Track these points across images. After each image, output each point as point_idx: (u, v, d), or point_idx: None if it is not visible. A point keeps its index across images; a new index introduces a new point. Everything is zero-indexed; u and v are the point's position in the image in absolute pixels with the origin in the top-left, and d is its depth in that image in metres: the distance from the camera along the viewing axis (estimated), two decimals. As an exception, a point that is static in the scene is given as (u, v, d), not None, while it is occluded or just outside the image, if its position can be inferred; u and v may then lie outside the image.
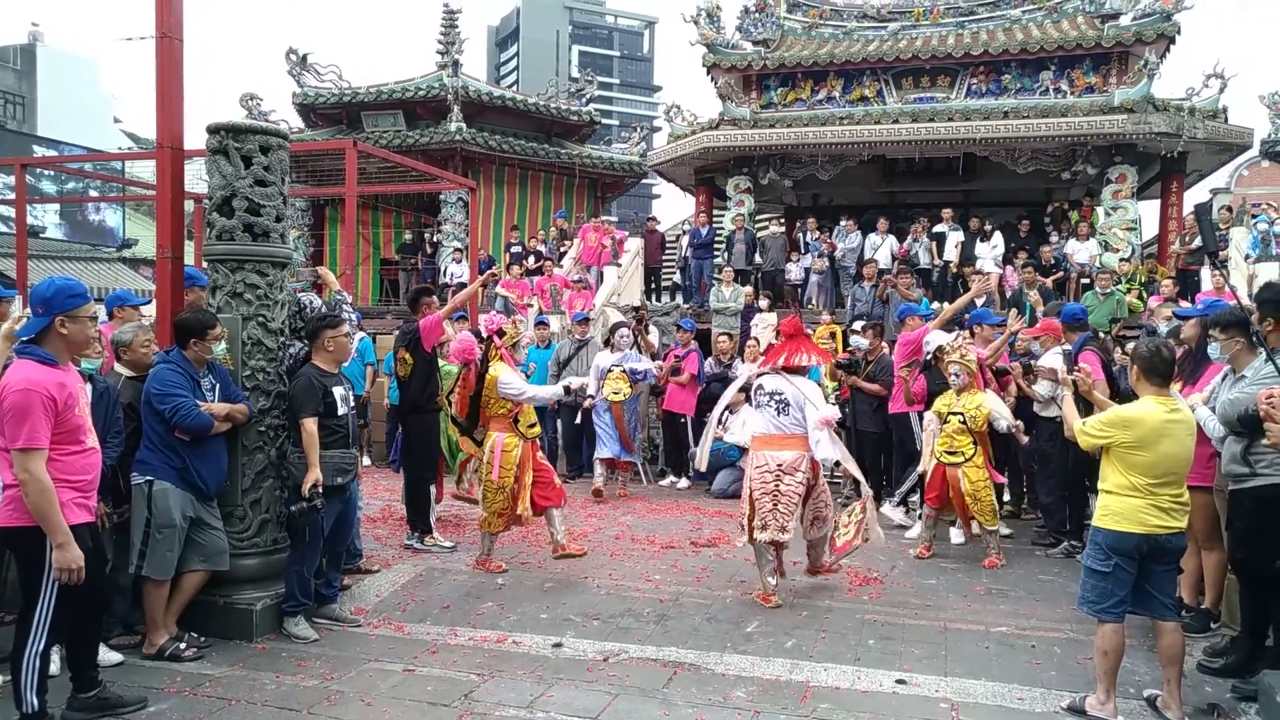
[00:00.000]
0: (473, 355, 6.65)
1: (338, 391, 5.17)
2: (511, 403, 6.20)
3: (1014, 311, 8.32)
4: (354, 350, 6.30)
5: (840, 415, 8.11)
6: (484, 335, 6.42)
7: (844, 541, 6.00)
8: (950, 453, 6.73)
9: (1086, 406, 4.65)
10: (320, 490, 4.89)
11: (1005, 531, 7.46)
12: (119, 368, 4.93)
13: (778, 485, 5.64)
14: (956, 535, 7.39)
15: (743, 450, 9.68)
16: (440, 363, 7.48)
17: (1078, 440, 4.27)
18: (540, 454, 6.52)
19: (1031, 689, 4.41)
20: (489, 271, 8.43)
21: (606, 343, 10.23)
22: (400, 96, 18.74)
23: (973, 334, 7.99)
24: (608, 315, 13.11)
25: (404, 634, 5.14)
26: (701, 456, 6.98)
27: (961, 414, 6.75)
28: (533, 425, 6.41)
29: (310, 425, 4.97)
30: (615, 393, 9.43)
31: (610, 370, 9.53)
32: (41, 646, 3.70)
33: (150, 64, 5.27)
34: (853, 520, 6.03)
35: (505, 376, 6.16)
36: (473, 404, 6.37)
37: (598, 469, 9.50)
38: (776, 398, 5.79)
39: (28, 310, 6.12)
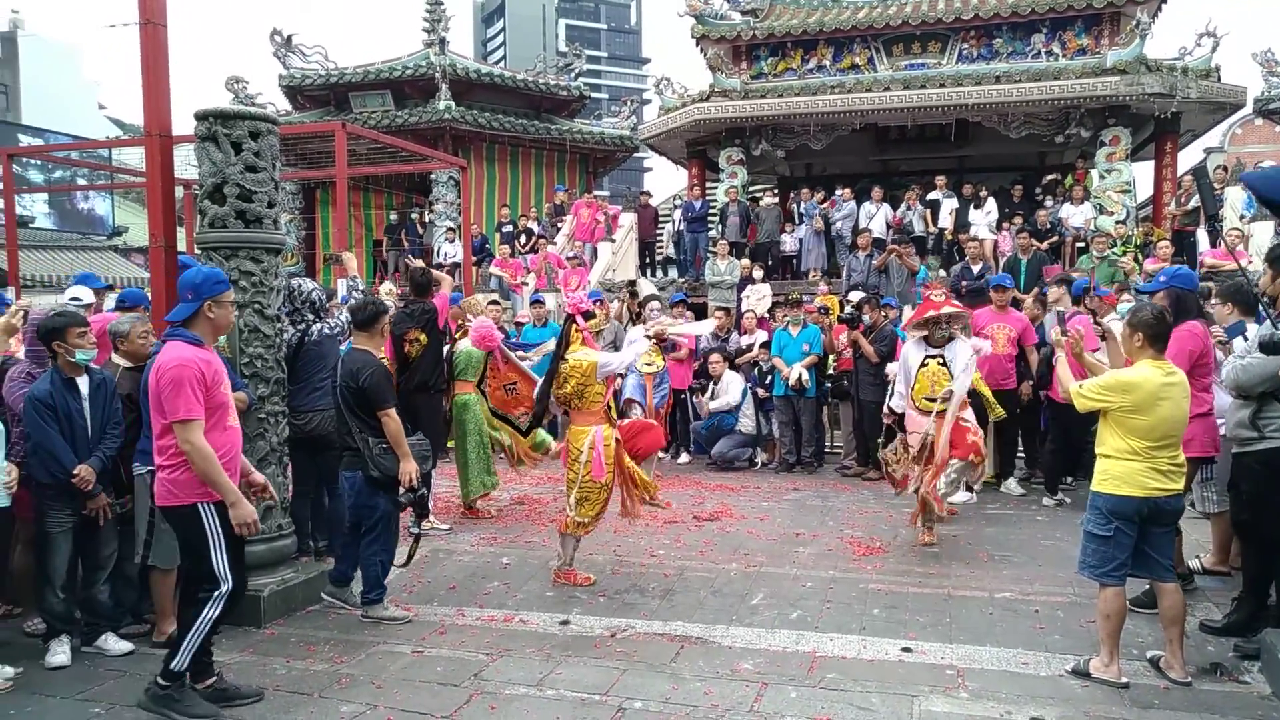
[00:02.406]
0: (494, 343, 6.45)
1: None
2: (605, 390, 5.65)
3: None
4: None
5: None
6: (567, 314, 5.84)
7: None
8: (929, 399, 6.33)
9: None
10: (421, 478, 4.92)
11: (1019, 492, 7.98)
12: (116, 358, 4.91)
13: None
14: (962, 495, 7.43)
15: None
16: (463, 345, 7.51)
17: (1073, 402, 4.28)
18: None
19: (1036, 653, 4.45)
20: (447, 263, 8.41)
21: (637, 316, 10.11)
22: (387, 76, 18.57)
23: (1079, 301, 8.02)
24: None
25: (411, 615, 5.16)
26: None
27: (941, 356, 6.41)
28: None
29: (396, 415, 4.89)
30: (648, 364, 9.39)
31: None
32: (217, 612, 3.83)
33: (134, 50, 5.21)
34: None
35: (602, 358, 5.61)
36: (542, 397, 5.91)
37: None
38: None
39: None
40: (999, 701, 3.92)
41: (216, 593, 3.83)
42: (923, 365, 6.36)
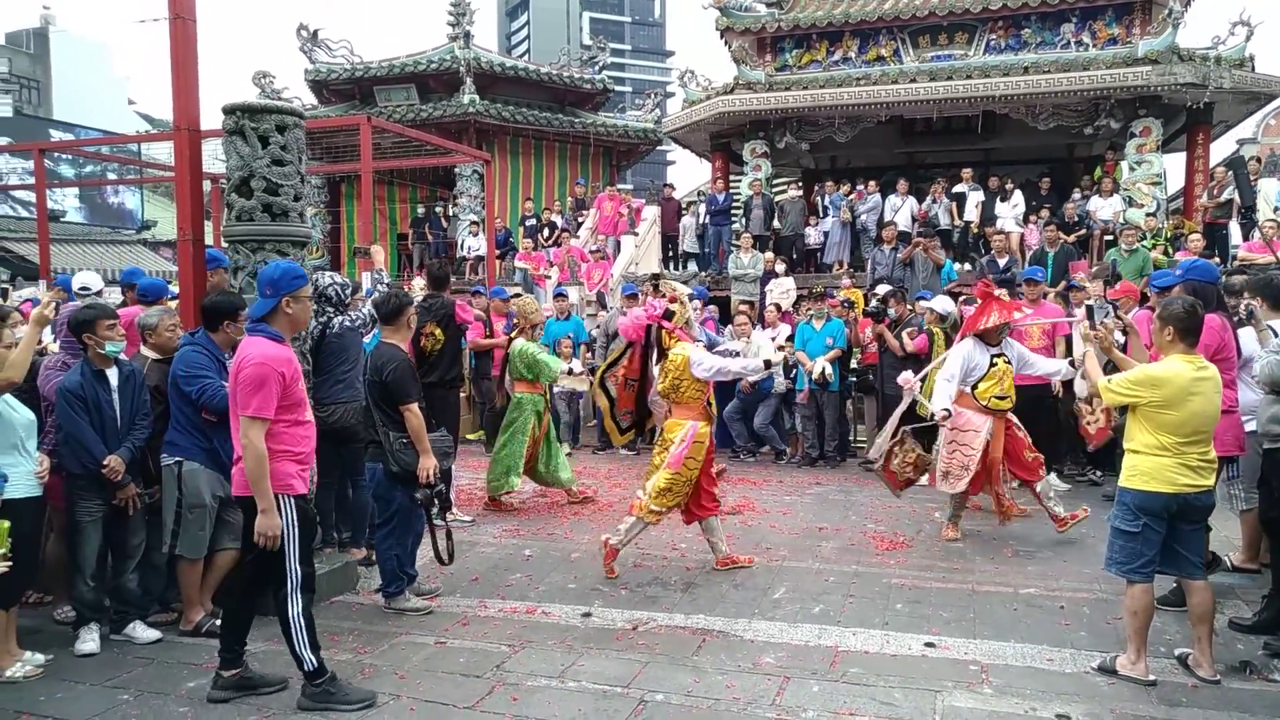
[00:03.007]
0: (643, 336, 6.44)
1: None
2: (704, 386, 5.70)
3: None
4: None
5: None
6: (646, 324, 5.87)
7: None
8: (1000, 397, 6.41)
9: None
10: (439, 474, 4.94)
11: (1063, 486, 7.85)
12: (145, 351, 4.97)
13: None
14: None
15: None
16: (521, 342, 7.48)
17: (1101, 397, 4.23)
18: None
19: (1061, 650, 4.41)
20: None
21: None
22: (412, 70, 18.65)
23: (1145, 300, 7.99)
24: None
25: (434, 606, 5.19)
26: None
27: (1004, 355, 6.51)
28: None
29: (418, 411, 4.90)
30: None
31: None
32: (300, 607, 3.87)
33: (163, 45, 5.26)
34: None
35: (696, 355, 5.63)
36: (641, 396, 5.96)
37: None
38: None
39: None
40: (1023, 698, 3.89)
41: (285, 591, 3.86)
42: (991, 365, 6.34)
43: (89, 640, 4.50)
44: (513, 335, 7.83)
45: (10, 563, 4.06)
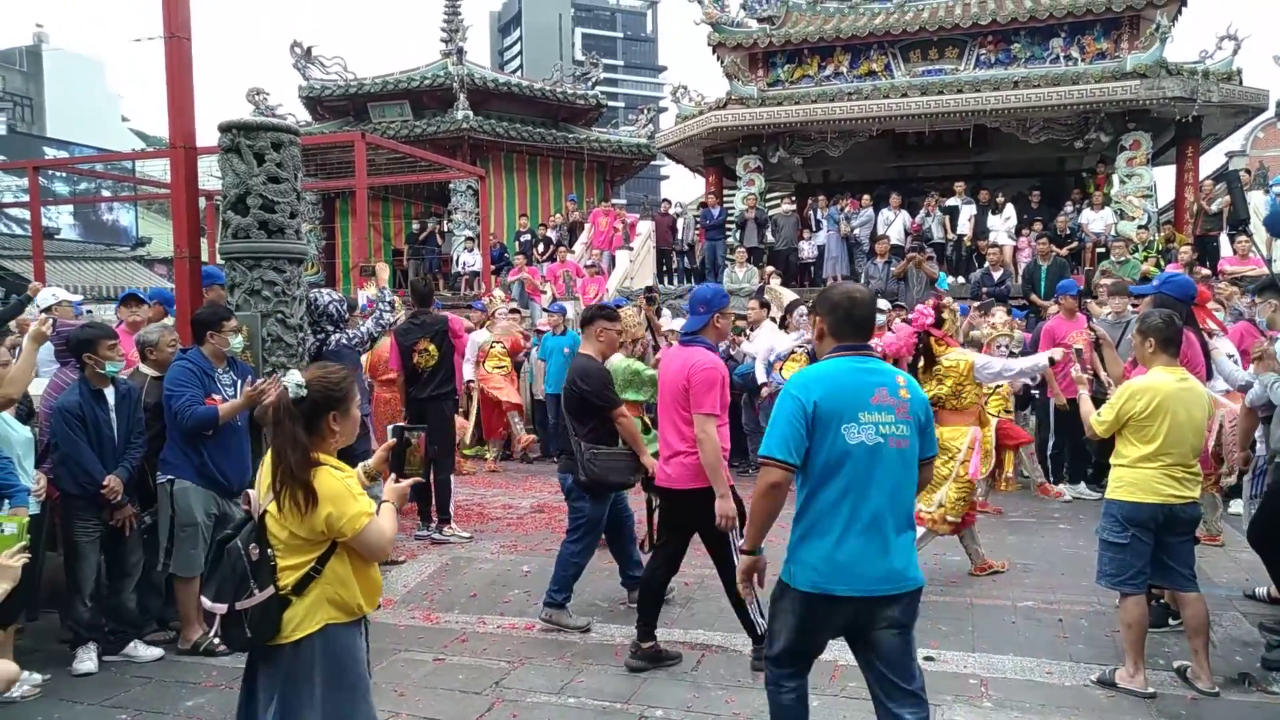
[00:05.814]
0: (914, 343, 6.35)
1: None
2: (983, 391, 5.83)
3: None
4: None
5: None
6: (917, 333, 5.76)
7: None
8: (1008, 411, 7.35)
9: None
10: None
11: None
12: (144, 368, 4.95)
13: None
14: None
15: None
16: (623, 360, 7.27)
17: (1096, 431, 4.21)
18: None
19: (1060, 662, 4.42)
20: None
21: (782, 323, 9.36)
22: (406, 86, 18.72)
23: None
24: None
25: (433, 623, 5.18)
26: None
27: None
28: None
29: (627, 413, 4.93)
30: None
31: (793, 352, 8.54)
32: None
33: (157, 62, 5.30)
34: None
35: (979, 359, 5.72)
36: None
37: None
38: None
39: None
40: (1023, 711, 3.89)
41: (732, 573, 4.03)
42: None
43: (87, 660, 4.48)
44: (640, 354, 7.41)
45: (29, 555, 4.04)
